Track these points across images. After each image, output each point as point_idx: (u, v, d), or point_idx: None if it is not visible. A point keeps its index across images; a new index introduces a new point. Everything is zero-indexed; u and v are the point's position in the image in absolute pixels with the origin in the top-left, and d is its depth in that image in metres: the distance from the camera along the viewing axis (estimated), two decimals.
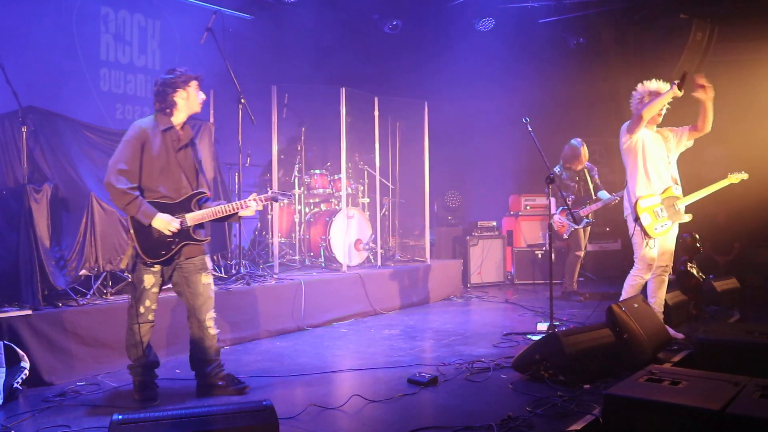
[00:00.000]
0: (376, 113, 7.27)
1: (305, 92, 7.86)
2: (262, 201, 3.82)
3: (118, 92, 7.03)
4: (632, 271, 5.00)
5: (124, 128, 6.32)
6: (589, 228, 7.40)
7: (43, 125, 4.78)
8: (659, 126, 5.02)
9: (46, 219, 4.43)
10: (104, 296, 4.77)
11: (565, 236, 7.15)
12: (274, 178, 6.62)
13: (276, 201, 3.94)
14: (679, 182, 5.00)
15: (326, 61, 8.81)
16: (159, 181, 3.67)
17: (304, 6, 8.19)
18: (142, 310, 3.65)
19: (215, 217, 3.75)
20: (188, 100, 3.74)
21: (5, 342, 3.74)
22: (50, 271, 4.39)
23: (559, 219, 7.13)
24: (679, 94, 4.61)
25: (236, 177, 6.11)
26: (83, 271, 4.71)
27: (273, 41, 8.43)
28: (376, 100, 7.24)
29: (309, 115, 7.91)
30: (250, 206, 3.78)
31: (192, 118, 4.00)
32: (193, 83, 3.76)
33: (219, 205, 3.76)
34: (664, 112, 4.93)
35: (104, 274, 4.86)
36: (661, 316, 4.91)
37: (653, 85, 4.89)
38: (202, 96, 3.83)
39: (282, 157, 7.10)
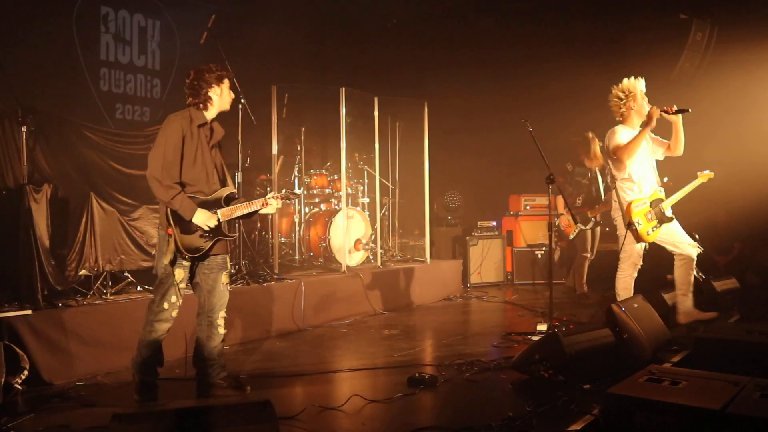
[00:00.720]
0: (376, 113, 7.28)
1: (305, 92, 7.86)
2: (280, 199, 3.89)
3: (118, 92, 7.02)
4: (620, 273, 5.03)
5: (124, 128, 6.40)
6: (599, 229, 7.36)
7: (43, 125, 4.77)
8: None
9: (46, 219, 4.43)
10: (104, 296, 4.77)
11: (572, 236, 7.13)
12: (275, 178, 6.62)
13: (289, 200, 3.98)
14: (661, 183, 5.07)
15: (326, 61, 8.82)
16: (194, 176, 3.67)
17: (305, 6, 8.19)
18: (166, 306, 3.62)
19: (243, 214, 3.79)
20: (221, 98, 3.76)
21: (5, 342, 3.74)
22: (50, 271, 4.39)
23: (565, 219, 7.12)
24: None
25: (236, 177, 6.10)
26: (83, 271, 4.71)
27: (273, 41, 8.43)
28: (376, 100, 7.24)
29: (309, 115, 7.91)
30: (271, 204, 3.84)
31: None
32: (227, 81, 3.77)
33: (245, 202, 3.81)
34: (648, 108, 4.96)
35: (104, 273, 4.86)
36: (690, 303, 5.03)
37: (626, 83, 4.97)
38: (232, 95, 3.84)
39: (282, 157, 7.10)
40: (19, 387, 3.71)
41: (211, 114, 3.77)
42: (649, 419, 2.89)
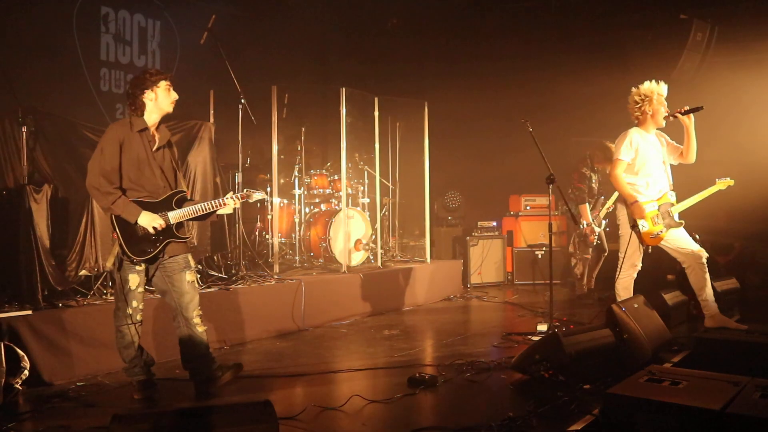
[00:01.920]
0: (376, 113, 7.28)
1: (305, 92, 7.86)
2: (239, 199, 3.87)
3: (119, 92, 7.02)
4: (620, 274, 5.02)
5: None
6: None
7: (43, 125, 4.77)
8: (661, 129, 5.05)
9: (46, 219, 4.43)
10: (104, 296, 4.77)
11: (596, 242, 7.14)
12: (274, 179, 6.62)
13: (250, 200, 3.95)
14: (672, 188, 5.04)
15: (326, 61, 8.82)
16: (139, 181, 3.69)
17: (305, 6, 8.19)
18: (129, 311, 3.66)
19: (196, 215, 3.78)
20: (157, 101, 3.74)
21: (5, 342, 3.74)
22: (50, 271, 4.39)
23: (591, 229, 7.08)
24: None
25: (236, 177, 6.11)
26: (83, 272, 4.71)
27: (273, 41, 8.43)
28: (376, 100, 7.24)
29: (309, 115, 7.91)
30: (228, 204, 3.83)
31: (192, 119, 4.02)
32: (162, 83, 3.74)
33: (199, 203, 3.81)
34: (665, 114, 4.94)
35: (104, 274, 4.85)
36: (714, 305, 5.02)
37: (653, 85, 4.92)
38: (173, 96, 3.80)
39: (282, 157, 7.10)
40: (20, 387, 3.71)
41: (151, 119, 3.76)
42: (650, 419, 2.89)
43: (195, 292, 3.83)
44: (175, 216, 3.73)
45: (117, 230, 3.61)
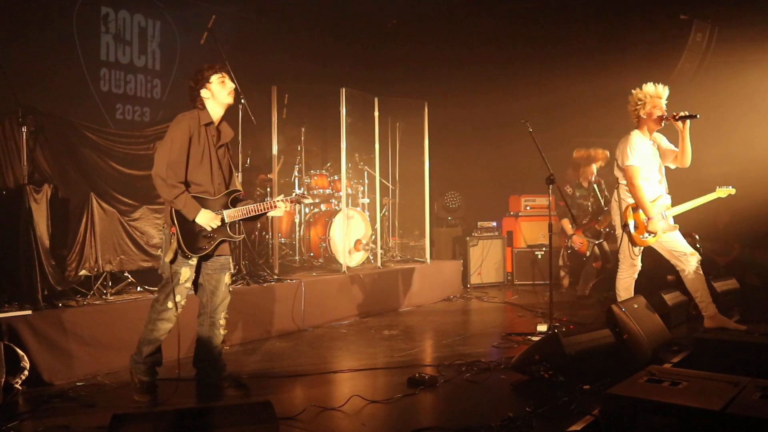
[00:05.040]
0: (376, 113, 7.27)
1: (305, 92, 7.86)
2: (289, 202, 3.90)
3: (119, 92, 7.02)
4: (619, 275, 5.03)
5: (124, 129, 6.39)
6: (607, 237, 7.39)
7: (43, 125, 4.77)
8: (658, 131, 5.05)
9: (46, 219, 4.43)
10: (104, 296, 4.77)
11: (588, 254, 7.18)
12: (274, 179, 6.62)
13: (300, 203, 3.97)
14: (667, 191, 5.05)
15: (326, 61, 8.81)
16: (199, 176, 3.68)
17: (304, 6, 8.19)
18: (170, 305, 3.63)
19: (249, 215, 3.79)
20: (216, 94, 3.73)
21: (5, 342, 3.74)
22: (50, 271, 4.39)
23: (578, 239, 7.16)
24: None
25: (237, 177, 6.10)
26: (83, 272, 4.71)
27: (273, 41, 8.43)
28: (375, 100, 7.24)
29: (309, 115, 7.90)
30: (279, 207, 3.85)
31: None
32: (214, 78, 3.73)
33: (253, 204, 3.81)
34: (663, 116, 4.94)
35: (104, 274, 4.85)
36: (712, 306, 5.02)
37: (650, 88, 4.92)
38: (230, 86, 3.78)
39: (282, 157, 7.11)
40: (19, 387, 3.71)
41: (215, 113, 3.76)
42: (649, 420, 2.89)
43: (228, 295, 3.85)
44: (230, 215, 3.73)
45: (176, 224, 3.59)
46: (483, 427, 3.09)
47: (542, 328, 5.37)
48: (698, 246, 6.02)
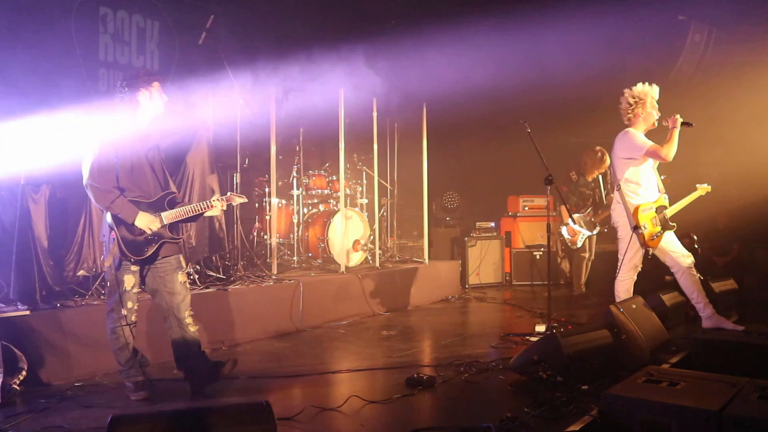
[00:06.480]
0: (375, 114, 7.27)
1: (305, 92, 7.85)
2: (224, 201, 3.92)
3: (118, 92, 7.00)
4: (620, 276, 5.03)
5: None
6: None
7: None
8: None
9: (45, 219, 4.43)
10: (102, 297, 4.76)
11: (579, 244, 7.19)
12: (272, 179, 6.62)
13: (233, 203, 4.02)
14: (664, 191, 5.07)
15: (325, 62, 8.80)
16: (133, 181, 3.69)
17: (304, 5, 8.19)
18: (124, 312, 3.66)
19: (187, 216, 3.82)
20: (151, 100, 3.77)
21: (3, 342, 3.74)
22: (48, 271, 4.39)
23: (573, 227, 7.16)
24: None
25: (235, 178, 6.10)
26: (81, 272, 4.70)
27: (272, 41, 8.42)
28: (374, 100, 7.24)
29: (308, 116, 7.89)
30: (215, 206, 3.88)
31: (191, 119, 4.01)
32: (156, 84, 3.79)
33: (189, 205, 3.84)
34: (656, 117, 4.95)
35: (102, 274, 4.84)
36: (710, 307, 5.00)
37: (639, 88, 4.94)
38: (164, 98, 3.84)
39: (280, 157, 7.10)
40: (17, 387, 3.70)
41: (145, 118, 3.78)
42: (648, 420, 2.89)
43: (187, 293, 3.84)
44: (168, 216, 3.75)
45: (115, 229, 3.62)
46: (481, 428, 3.09)
47: (540, 328, 5.38)
48: (696, 246, 6.04)
